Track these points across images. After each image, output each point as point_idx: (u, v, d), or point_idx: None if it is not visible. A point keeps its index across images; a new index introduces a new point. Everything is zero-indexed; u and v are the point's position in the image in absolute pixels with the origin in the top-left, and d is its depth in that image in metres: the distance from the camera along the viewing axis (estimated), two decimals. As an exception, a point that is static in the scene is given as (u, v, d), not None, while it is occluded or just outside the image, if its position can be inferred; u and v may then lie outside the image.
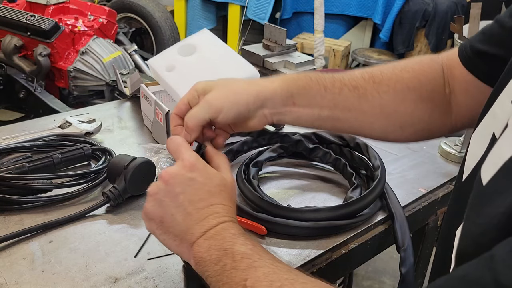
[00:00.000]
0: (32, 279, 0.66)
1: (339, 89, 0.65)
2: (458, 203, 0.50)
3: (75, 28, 2.40)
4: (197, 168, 0.57)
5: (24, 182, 0.80)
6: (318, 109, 0.65)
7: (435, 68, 0.67)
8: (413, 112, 0.66)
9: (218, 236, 0.54)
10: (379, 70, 0.67)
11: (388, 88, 0.65)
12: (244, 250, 0.52)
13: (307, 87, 0.64)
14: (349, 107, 0.65)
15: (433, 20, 3.14)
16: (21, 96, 2.27)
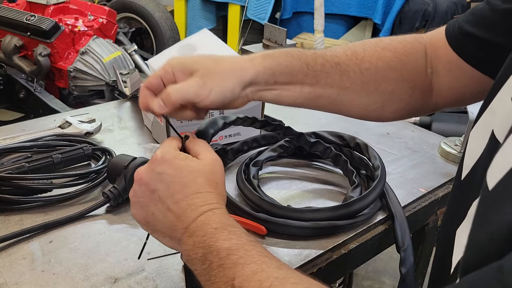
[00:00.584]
0: (32, 279, 0.66)
1: (321, 66, 0.64)
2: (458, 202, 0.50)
3: (75, 28, 2.40)
4: (165, 160, 0.55)
5: (24, 182, 0.80)
6: (299, 86, 0.64)
7: (418, 48, 0.67)
8: (393, 90, 0.66)
9: (200, 231, 0.51)
10: (362, 47, 0.67)
11: (370, 65, 0.65)
12: (229, 245, 0.48)
13: (289, 65, 0.63)
14: (331, 84, 0.65)
15: (433, 20, 3.13)
16: (21, 96, 2.27)
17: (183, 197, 0.53)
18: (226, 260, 0.47)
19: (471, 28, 0.61)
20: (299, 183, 0.91)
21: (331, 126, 0.89)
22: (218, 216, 0.52)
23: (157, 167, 0.55)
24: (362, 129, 1.10)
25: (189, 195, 0.53)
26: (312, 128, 0.97)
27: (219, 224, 0.51)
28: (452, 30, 0.64)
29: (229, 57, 0.62)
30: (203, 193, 0.54)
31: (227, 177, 0.91)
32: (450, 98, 0.67)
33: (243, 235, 0.50)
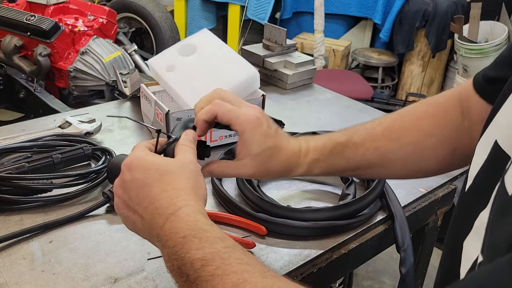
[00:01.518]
0: (32, 279, 0.66)
1: (361, 156, 0.67)
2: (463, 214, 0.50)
3: (75, 28, 2.40)
4: (133, 166, 0.54)
5: (24, 182, 0.80)
6: (339, 174, 0.72)
7: (453, 106, 0.67)
8: (436, 155, 0.68)
9: (170, 242, 0.48)
10: (399, 123, 0.69)
11: (410, 140, 0.67)
12: (202, 255, 0.45)
13: (330, 167, 0.68)
14: (371, 167, 0.68)
15: (433, 20, 3.13)
16: (21, 96, 2.27)
17: (151, 201, 0.51)
18: (201, 272, 0.44)
19: (495, 73, 0.62)
20: (298, 183, 0.91)
21: (331, 126, 0.89)
22: (184, 220, 0.49)
23: (126, 175, 0.54)
24: (362, 129, 1.10)
25: (155, 196, 0.51)
26: (312, 128, 0.97)
27: (186, 231, 0.47)
28: (478, 80, 0.65)
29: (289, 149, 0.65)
30: (169, 191, 0.51)
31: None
32: None
33: (216, 241, 0.46)
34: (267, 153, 0.63)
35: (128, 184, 0.53)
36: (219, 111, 0.61)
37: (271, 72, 1.37)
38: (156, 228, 0.50)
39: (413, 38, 3.25)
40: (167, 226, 0.49)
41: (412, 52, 3.31)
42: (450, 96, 0.69)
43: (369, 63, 3.27)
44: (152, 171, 0.52)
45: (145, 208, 0.51)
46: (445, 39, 3.19)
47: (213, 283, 0.42)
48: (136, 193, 0.52)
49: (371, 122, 0.70)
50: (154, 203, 0.51)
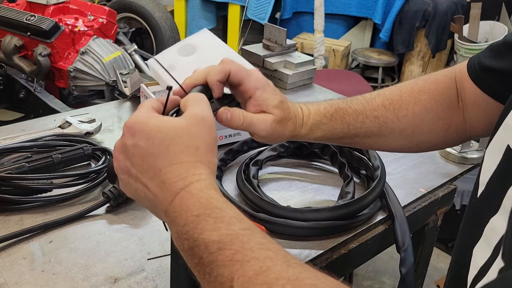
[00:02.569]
0: (32, 279, 0.66)
1: (361, 123, 0.69)
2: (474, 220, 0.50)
3: (75, 28, 2.39)
4: (137, 130, 0.47)
5: (24, 182, 0.80)
6: (338, 140, 0.70)
7: (449, 85, 0.69)
8: (430, 130, 0.70)
9: (180, 219, 0.43)
10: (399, 95, 0.70)
11: (407, 112, 0.69)
12: (218, 237, 0.40)
13: (332, 130, 0.68)
14: (369, 135, 0.70)
15: (433, 20, 3.14)
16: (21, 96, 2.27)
17: (157, 173, 0.46)
18: (218, 256, 0.40)
19: (489, 62, 0.63)
20: (299, 183, 0.91)
21: (331, 126, 0.89)
22: (197, 195, 0.44)
23: (128, 139, 0.48)
24: (362, 129, 1.10)
25: (162, 169, 0.46)
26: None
27: (200, 209, 0.43)
28: (473, 65, 0.66)
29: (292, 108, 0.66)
30: (176, 165, 0.46)
31: (227, 177, 0.91)
32: (481, 128, 0.70)
33: (233, 221, 0.42)
34: (282, 106, 0.64)
35: (131, 149, 0.48)
36: (232, 69, 0.60)
37: (271, 72, 1.37)
38: (163, 203, 0.45)
39: (413, 38, 3.25)
40: (177, 202, 0.44)
41: (412, 52, 3.31)
42: (448, 75, 0.70)
43: (369, 63, 3.27)
44: (157, 140, 0.47)
45: (151, 179, 0.46)
46: (445, 39, 3.20)
47: (232, 269, 0.38)
48: (139, 161, 0.47)
49: (369, 93, 0.72)
50: (161, 176, 0.46)
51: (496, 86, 0.63)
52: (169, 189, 0.45)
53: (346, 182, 0.86)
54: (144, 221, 0.79)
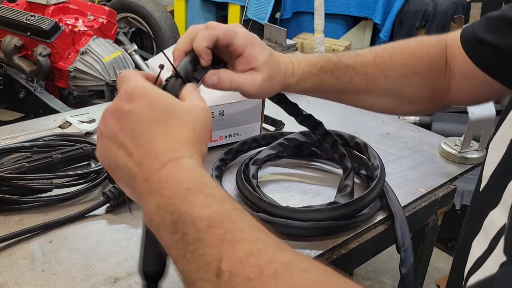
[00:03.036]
0: (32, 279, 0.66)
1: (350, 78, 0.69)
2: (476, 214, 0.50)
3: (75, 28, 2.40)
4: (137, 95, 0.46)
5: (24, 182, 0.80)
6: (325, 94, 0.71)
7: (440, 53, 0.70)
8: (415, 94, 0.71)
9: (166, 190, 0.40)
10: (389, 54, 0.71)
11: (396, 73, 0.70)
12: (209, 214, 0.38)
13: (321, 81, 0.69)
14: (356, 91, 0.71)
15: (433, 20, 3.13)
16: (21, 96, 2.27)
17: (148, 140, 0.44)
18: (206, 234, 0.37)
19: (484, 34, 0.63)
20: (298, 183, 0.91)
21: (331, 126, 0.89)
22: (188, 169, 0.42)
23: (124, 104, 0.46)
24: (362, 129, 1.10)
25: (155, 137, 0.44)
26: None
27: (191, 183, 0.40)
28: (467, 35, 0.66)
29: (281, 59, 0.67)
30: (171, 137, 0.44)
31: (227, 177, 0.91)
32: (463, 98, 0.71)
33: (225, 201, 0.40)
34: (271, 60, 0.64)
35: (125, 114, 0.45)
36: (219, 33, 0.60)
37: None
38: (146, 172, 0.42)
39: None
40: (165, 172, 0.42)
41: (412, 52, 3.31)
42: (440, 42, 0.71)
43: (369, 63, 3.26)
44: (159, 109, 0.45)
45: (139, 146, 0.44)
46: (445, 39, 3.20)
47: (221, 250, 0.36)
48: (131, 126, 0.45)
49: (361, 49, 0.73)
50: (152, 144, 0.43)
51: (489, 59, 0.63)
52: (158, 158, 0.43)
53: (346, 174, 0.85)
54: (144, 221, 0.79)
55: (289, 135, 0.95)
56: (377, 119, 1.17)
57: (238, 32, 0.62)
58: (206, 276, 0.35)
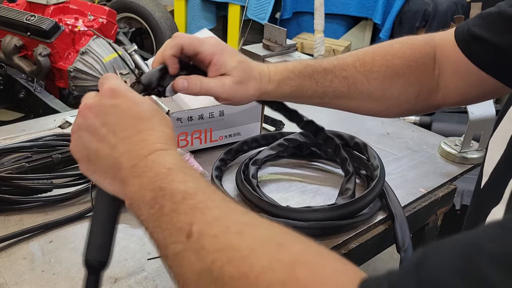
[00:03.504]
0: (32, 279, 0.66)
1: (329, 82, 0.69)
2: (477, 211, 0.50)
3: (75, 28, 2.40)
4: (119, 93, 0.50)
5: (24, 182, 0.80)
6: (307, 99, 0.71)
7: (427, 52, 0.70)
8: (400, 95, 0.70)
9: (150, 172, 0.45)
10: (371, 57, 0.71)
11: (378, 75, 0.69)
12: (185, 188, 0.43)
13: (300, 86, 0.69)
14: (338, 96, 0.70)
15: (433, 20, 3.13)
16: (21, 96, 2.27)
17: (135, 132, 0.48)
18: (181, 205, 0.41)
19: (479, 31, 0.63)
20: (298, 183, 0.91)
21: (331, 126, 0.89)
22: (172, 156, 0.47)
23: (109, 100, 0.50)
24: (362, 129, 1.10)
25: (143, 131, 0.48)
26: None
27: (173, 165, 0.45)
28: (461, 32, 0.66)
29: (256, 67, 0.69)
30: (158, 132, 0.49)
31: (227, 177, 0.91)
32: (455, 97, 0.70)
33: (201, 179, 0.45)
34: (242, 66, 0.65)
35: (108, 109, 0.49)
36: (183, 42, 0.62)
37: (271, 72, 1.37)
38: (134, 158, 0.47)
39: (413, 38, 3.25)
40: (152, 157, 0.46)
41: (412, 52, 3.30)
42: (427, 41, 0.71)
43: (369, 63, 3.26)
44: (142, 107, 0.50)
45: (127, 138, 0.48)
46: (445, 39, 3.20)
47: (193, 216, 0.40)
48: (115, 121, 0.49)
49: (343, 54, 0.73)
50: (140, 136, 0.48)
51: (485, 55, 0.63)
52: (148, 147, 0.47)
53: (347, 178, 0.85)
54: (144, 221, 0.79)
55: (289, 135, 0.95)
56: (377, 119, 1.16)
57: (205, 41, 0.64)
58: (178, 238, 0.40)
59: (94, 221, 0.53)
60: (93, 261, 0.51)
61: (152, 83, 0.62)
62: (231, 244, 0.37)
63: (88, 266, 0.51)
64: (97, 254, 0.51)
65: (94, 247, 0.52)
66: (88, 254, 0.52)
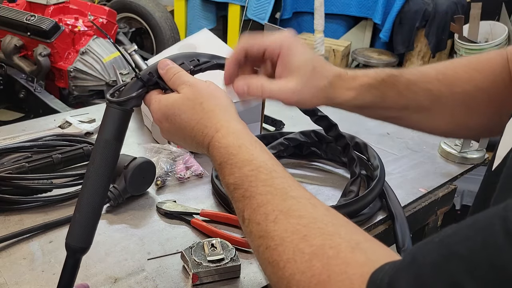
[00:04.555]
0: (32, 279, 0.66)
1: (413, 94, 0.64)
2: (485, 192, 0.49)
3: (75, 28, 2.39)
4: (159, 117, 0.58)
5: (24, 182, 0.80)
6: (386, 111, 0.65)
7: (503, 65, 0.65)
8: (484, 113, 0.65)
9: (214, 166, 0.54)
10: (453, 69, 0.66)
11: (461, 89, 0.64)
12: (233, 180, 0.50)
13: (382, 96, 0.64)
14: (419, 109, 0.65)
15: (433, 20, 3.13)
16: (21, 96, 2.27)
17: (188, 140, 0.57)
18: (234, 194, 0.50)
19: None
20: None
21: (331, 126, 0.89)
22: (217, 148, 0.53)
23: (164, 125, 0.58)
24: (362, 129, 1.10)
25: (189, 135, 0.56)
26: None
27: (220, 158, 0.52)
28: None
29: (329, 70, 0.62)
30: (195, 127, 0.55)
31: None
32: None
33: (244, 164, 0.50)
34: (310, 64, 0.59)
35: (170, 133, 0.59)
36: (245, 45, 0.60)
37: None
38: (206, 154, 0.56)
39: (413, 38, 3.25)
40: (209, 155, 0.55)
41: (412, 52, 3.30)
42: (501, 54, 0.66)
43: (369, 63, 3.26)
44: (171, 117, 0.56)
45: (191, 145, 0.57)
46: (445, 39, 3.19)
47: (243, 203, 0.48)
48: (178, 137, 0.58)
49: (423, 66, 0.68)
50: (193, 140, 0.56)
51: None
52: (203, 146, 0.55)
53: (353, 179, 0.85)
54: (144, 221, 0.79)
55: (289, 135, 0.95)
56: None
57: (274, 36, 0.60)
58: (240, 222, 0.49)
59: (77, 208, 0.56)
60: (74, 246, 0.55)
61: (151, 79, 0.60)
62: (268, 232, 0.44)
63: (69, 249, 0.55)
64: (78, 240, 0.55)
65: (77, 233, 0.55)
66: (70, 239, 0.55)
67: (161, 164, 0.90)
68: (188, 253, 0.68)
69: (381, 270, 0.35)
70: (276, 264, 0.42)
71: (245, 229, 0.48)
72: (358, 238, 0.41)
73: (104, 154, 0.56)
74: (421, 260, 0.33)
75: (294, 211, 0.45)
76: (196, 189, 0.88)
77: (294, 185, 0.48)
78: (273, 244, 0.43)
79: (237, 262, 0.68)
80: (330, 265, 0.38)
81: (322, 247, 0.40)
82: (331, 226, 0.42)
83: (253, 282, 0.68)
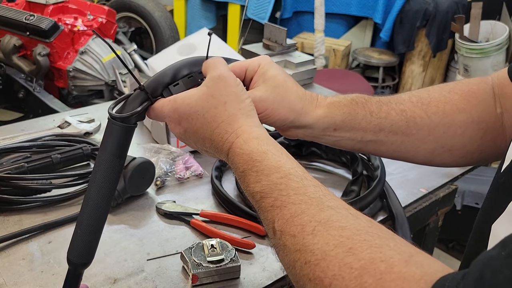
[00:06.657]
0: (31, 279, 0.65)
1: (385, 113, 0.63)
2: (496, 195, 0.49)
3: (74, 28, 2.39)
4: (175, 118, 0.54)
5: (23, 182, 0.79)
6: (361, 133, 0.63)
7: (484, 89, 0.64)
8: (463, 133, 0.63)
9: (235, 173, 0.51)
10: (427, 93, 0.65)
11: (437, 110, 0.63)
12: (260, 189, 0.47)
13: (353, 113, 0.62)
14: (395, 131, 0.63)
15: (433, 19, 3.13)
16: (20, 96, 2.26)
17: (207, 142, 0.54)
18: (261, 203, 0.47)
19: None
20: (299, 183, 0.91)
21: (332, 126, 0.89)
22: (239, 154, 0.50)
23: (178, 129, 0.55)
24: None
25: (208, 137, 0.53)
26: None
27: (243, 165, 0.49)
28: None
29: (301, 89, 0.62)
30: (216, 129, 0.52)
31: (227, 177, 0.91)
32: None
33: (271, 171, 0.47)
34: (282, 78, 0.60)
35: (186, 134, 0.55)
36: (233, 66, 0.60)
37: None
38: (224, 160, 0.54)
39: (414, 37, 3.24)
40: (229, 161, 0.52)
41: (413, 52, 3.30)
42: (482, 80, 0.65)
43: (370, 63, 3.26)
44: (191, 116, 0.53)
45: (208, 148, 0.55)
46: (446, 38, 3.19)
47: (273, 214, 0.45)
48: (195, 139, 0.55)
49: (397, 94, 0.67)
50: (212, 144, 0.53)
51: None
52: (222, 152, 0.53)
53: (354, 178, 0.85)
54: (143, 222, 0.79)
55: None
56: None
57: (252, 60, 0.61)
58: (269, 233, 0.46)
59: (79, 225, 0.55)
60: (75, 262, 0.55)
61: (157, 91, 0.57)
62: (307, 245, 0.40)
63: (70, 264, 0.55)
64: (80, 256, 0.55)
65: (78, 249, 0.55)
66: (71, 254, 0.55)
67: (160, 164, 0.90)
68: (187, 253, 0.68)
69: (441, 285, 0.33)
70: (320, 281, 0.38)
71: (276, 241, 0.44)
72: (409, 250, 0.38)
73: (106, 173, 0.53)
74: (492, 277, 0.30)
75: (334, 221, 0.41)
76: (196, 190, 0.88)
77: (329, 194, 0.45)
78: (313, 259, 0.39)
79: (237, 262, 0.68)
80: (384, 281, 0.35)
81: (372, 261, 0.37)
82: (377, 238, 0.39)
83: (253, 283, 0.68)
